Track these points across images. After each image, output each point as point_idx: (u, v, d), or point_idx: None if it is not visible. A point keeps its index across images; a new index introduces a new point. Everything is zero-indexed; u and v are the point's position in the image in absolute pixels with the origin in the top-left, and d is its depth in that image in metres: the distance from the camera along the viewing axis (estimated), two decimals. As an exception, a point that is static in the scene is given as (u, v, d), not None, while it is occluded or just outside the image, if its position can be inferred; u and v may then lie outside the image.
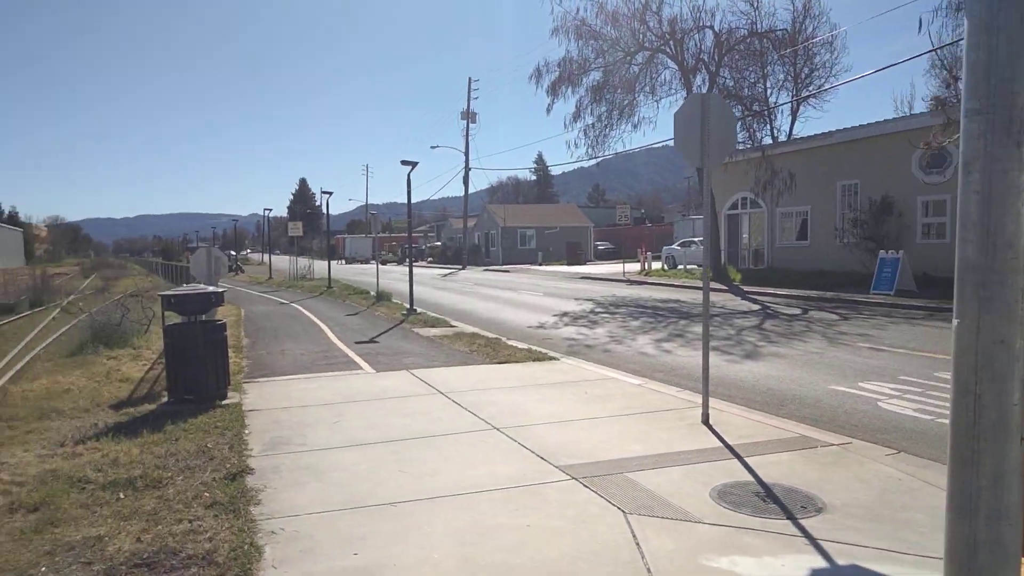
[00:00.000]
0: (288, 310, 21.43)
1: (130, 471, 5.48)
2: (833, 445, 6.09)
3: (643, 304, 20.45)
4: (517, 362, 10.76)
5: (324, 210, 39.93)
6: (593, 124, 27.55)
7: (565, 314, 18.29)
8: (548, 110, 28.02)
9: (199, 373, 7.93)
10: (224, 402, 7.99)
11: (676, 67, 27.57)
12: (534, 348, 12.08)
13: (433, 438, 6.47)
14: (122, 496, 5.04)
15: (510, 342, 13.02)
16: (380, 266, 30.17)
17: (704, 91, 26.57)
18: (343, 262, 75.99)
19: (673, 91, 28.44)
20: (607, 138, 27.76)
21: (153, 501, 4.93)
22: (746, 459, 5.73)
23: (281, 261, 62.16)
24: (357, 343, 13.40)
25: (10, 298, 21.66)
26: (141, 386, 9.10)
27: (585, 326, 15.90)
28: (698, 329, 14.65)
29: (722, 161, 6.41)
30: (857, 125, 25.25)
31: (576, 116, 27.96)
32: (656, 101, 28.23)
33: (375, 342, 13.56)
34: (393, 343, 13.32)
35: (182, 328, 7.98)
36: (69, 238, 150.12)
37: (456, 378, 9.51)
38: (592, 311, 18.94)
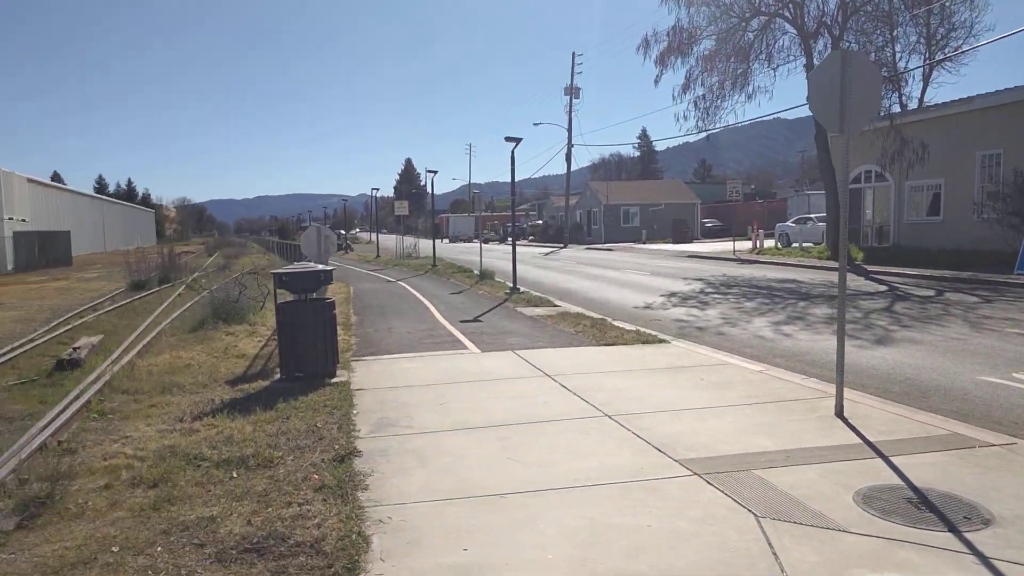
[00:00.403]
0: (395, 288, 21.78)
1: (243, 449, 5.51)
2: (994, 445, 5.37)
3: (757, 284, 19.42)
4: (625, 344, 10.34)
5: (428, 189, 40.49)
6: (704, 95, 26.34)
7: (673, 294, 17.62)
8: (656, 82, 27.03)
9: (309, 351, 8.00)
10: (333, 380, 8.03)
11: (795, 32, 25.88)
12: (642, 330, 11.60)
13: (541, 424, 6.20)
14: (235, 475, 5.06)
15: (616, 323, 12.59)
16: (483, 245, 30.26)
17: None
18: (447, 241, 77.21)
19: (792, 58, 26.74)
20: (718, 110, 26.50)
21: (264, 481, 4.91)
22: (891, 458, 5.13)
23: (388, 240, 63.87)
24: (461, 322, 13.34)
25: (142, 275, 23.11)
26: (255, 362, 9.33)
27: (695, 307, 15.22)
28: (819, 311, 13.70)
29: (864, 126, 5.73)
30: (1002, 89, 22.89)
31: (685, 87, 26.83)
32: (773, 69, 26.65)
33: (479, 321, 13.46)
34: (497, 322, 13.17)
35: (293, 306, 8.07)
36: (195, 218, 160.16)
37: (562, 360, 9.21)
38: (702, 291, 18.16)
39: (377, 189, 52.36)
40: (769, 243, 35.45)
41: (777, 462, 5.09)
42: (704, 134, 28.01)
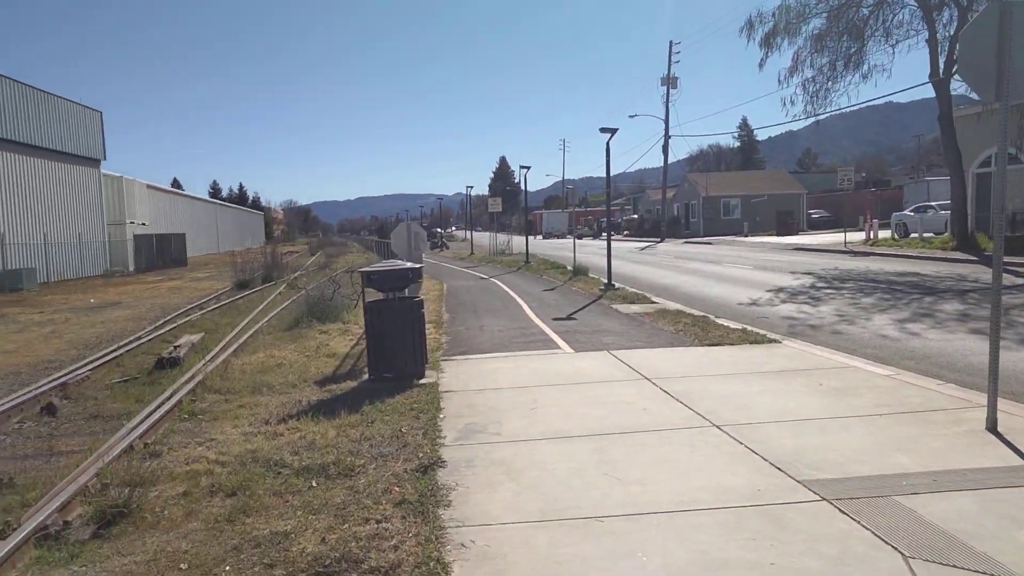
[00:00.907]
0: (487, 285, 21.57)
1: (324, 456, 5.25)
2: None
3: (874, 278, 17.95)
4: (731, 344, 9.58)
5: (522, 186, 40.24)
6: (813, 77, 24.76)
7: (781, 289, 16.50)
8: (760, 65, 25.62)
9: (397, 351, 7.74)
10: (421, 381, 7.74)
11: (916, 4, 23.89)
12: (749, 328, 10.77)
13: (641, 434, 5.64)
14: (314, 484, 4.79)
15: (720, 321, 11.79)
16: (576, 240, 29.67)
17: (952, 31, 22.81)
18: (540, 237, 76.94)
19: (913, 32, 24.73)
20: (829, 92, 24.83)
21: (343, 492, 4.60)
22: (1067, 487, 4.28)
23: (482, 237, 64.21)
24: (554, 320, 12.87)
25: (247, 274, 23.93)
26: (345, 362, 9.19)
27: (806, 303, 14.13)
28: (949, 307, 12.41)
29: (1029, 91, 4.83)
30: None
31: (793, 70, 25.32)
32: (891, 46, 24.71)
33: (572, 319, 12.95)
34: (591, 320, 12.62)
35: (381, 305, 7.83)
36: (301, 219, 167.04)
37: (662, 361, 8.58)
38: (813, 286, 16.93)
39: (471, 187, 52.66)
40: (884, 234, 33.11)
41: (922, 487, 4.34)
42: (813, 119, 26.38)
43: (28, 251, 30.62)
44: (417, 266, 7.97)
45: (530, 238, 35.65)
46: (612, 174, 18.58)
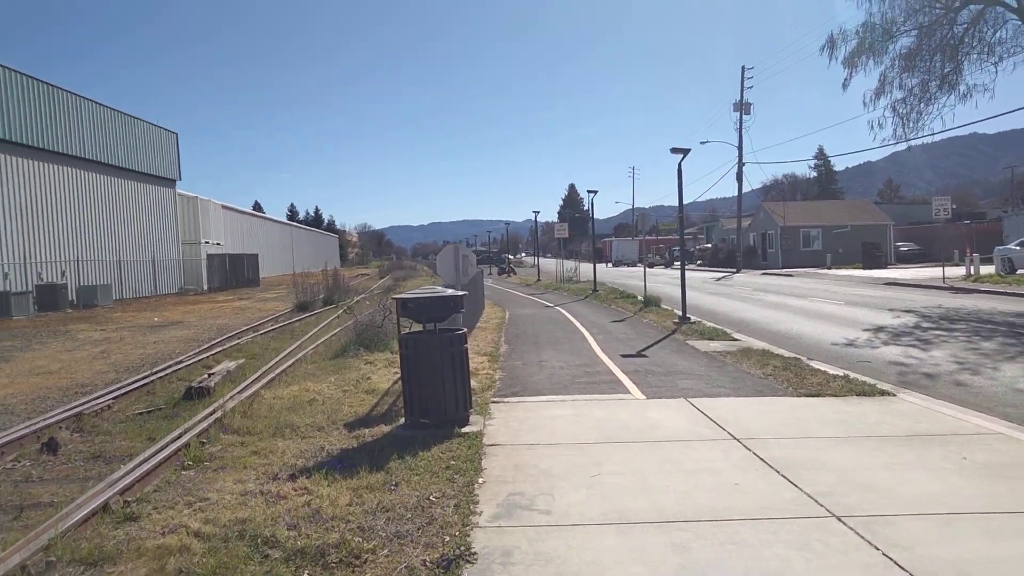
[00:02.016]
0: (552, 314, 20.38)
1: (327, 534, 4.16)
2: None
3: (989, 319, 15.90)
4: (834, 395, 8.09)
5: (590, 211, 39.03)
6: (904, 98, 22.75)
7: (880, 329, 14.70)
8: (844, 85, 23.80)
9: (436, 393, 6.64)
10: (464, 429, 6.61)
11: (1019, 20, 21.72)
12: (853, 376, 9.23)
13: (735, 524, 4.33)
14: (305, 576, 3.69)
15: (815, 364, 10.26)
16: (647, 269, 28.20)
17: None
18: (609, 265, 75.32)
19: (1017, 49, 22.49)
20: (922, 115, 22.76)
21: (337, 594, 3.49)
22: None
23: (550, 263, 63.05)
24: (623, 356, 11.57)
25: (308, 296, 23.45)
26: (383, 400, 8.15)
27: (914, 346, 12.37)
28: (1098, 358, 10.50)
29: None
30: None
31: (879, 91, 23.38)
32: (994, 64, 22.52)
33: (643, 356, 11.62)
34: (665, 358, 11.26)
35: (417, 339, 6.75)
36: (375, 242, 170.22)
37: (752, 415, 7.19)
38: (918, 326, 15.05)
39: (537, 212, 51.65)
40: (986, 269, 30.31)
41: None
42: (904, 143, 24.24)
43: (104, 268, 31.23)
44: (460, 294, 6.87)
45: (599, 266, 34.33)
46: (685, 203, 17.23)
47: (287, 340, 14.69)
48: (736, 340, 13.35)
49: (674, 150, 16.49)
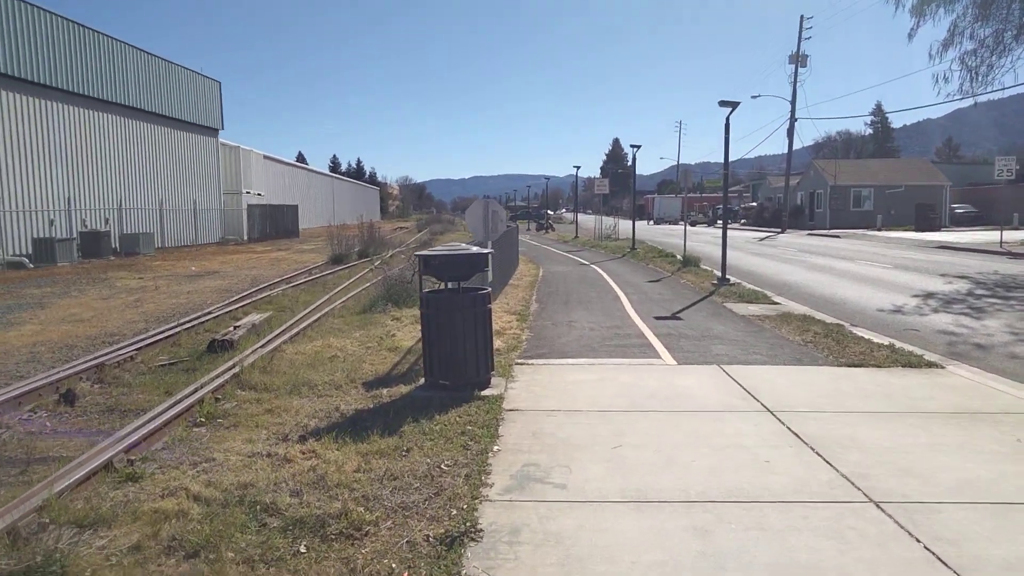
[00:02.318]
0: (587, 272, 20.00)
1: (330, 502, 3.99)
2: None
3: (1048, 286, 15.05)
4: (877, 366, 7.64)
5: (632, 166, 38.12)
6: (975, 50, 21.37)
7: (930, 295, 14.01)
8: (910, 36, 22.44)
9: (457, 355, 6.41)
10: (484, 392, 6.39)
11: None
12: (898, 345, 8.75)
13: (763, 507, 4.02)
14: (302, 550, 3.52)
15: (858, 331, 9.78)
16: (689, 227, 27.49)
17: None
18: (651, 222, 74.11)
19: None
20: (993, 68, 21.38)
21: (333, 570, 3.31)
22: None
23: (590, 220, 62.20)
24: (656, 318, 11.20)
25: (343, 249, 23.44)
26: (405, 359, 7.96)
27: (965, 314, 11.73)
28: None
29: None
30: None
31: (948, 42, 22.00)
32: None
33: (677, 318, 11.23)
34: (700, 321, 10.86)
35: (440, 298, 6.50)
36: (416, 196, 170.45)
37: (788, 385, 6.82)
38: (971, 293, 14.31)
39: (578, 167, 50.80)
40: (1050, 234, 28.85)
41: None
42: (971, 99, 22.88)
43: (147, 216, 31.66)
44: (486, 251, 6.58)
45: (641, 223, 33.64)
46: (732, 159, 16.52)
47: (318, 293, 14.63)
48: (776, 304, 12.85)
49: (722, 103, 15.74)
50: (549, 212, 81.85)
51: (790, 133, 48.57)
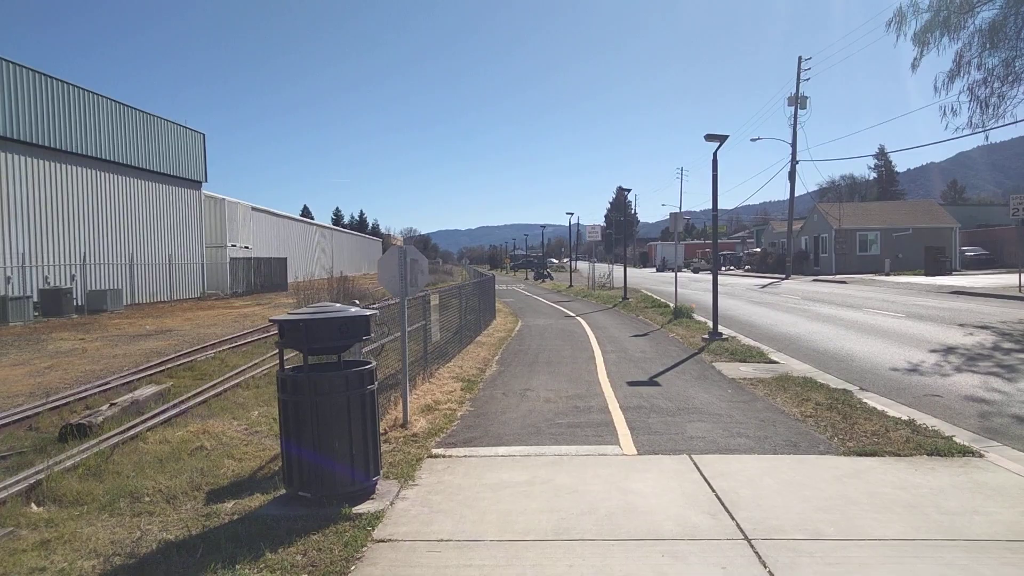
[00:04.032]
0: (569, 325, 18.30)
1: None
2: None
3: (1084, 338, 13.25)
4: (895, 454, 5.90)
5: (635, 214, 36.78)
6: (984, 79, 19.97)
7: (950, 349, 12.25)
8: (913, 66, 21.06)
9: (325, 455, 4.71)
10: (359, 507, 4.67)
11: None
12: (919, 421, 7.00)
13: None
14: None
15: (868, 400, 8.05)
16: (692, 275, 25.89)
17: None
18: (654, 270, 72.62)
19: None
20: (1004, 99, 19.94)
21: None
22: None
23: (595, 268, 60.68)
24: (630, 384, 9.48)
25: (310, 302, 21.87)
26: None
27: (995, 374, 9.96)
28: None
29: None
30: None
31: (954, 73, 20.64)
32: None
33: (654, 383, 9.50)
34: (679, 388, 9.13)
35: (298, 379, 4.83)
36: (421, 247, 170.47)
37: (777, 488, 5.07)
38: (997, 347, 12.52)
39: (571, 213, 49.76)
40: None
41: None
42: (982, 132, 21.37)
43: (116, 272, 30.25)
44: (365, 314, 4.96)
45: (644, 271, 32.04)
46: (733, 206, 15.12)
47: (256, 355, 12.98)
48: (773, 363, 11.13)
49: (708, 137, 14.27)
50: (553, 261, 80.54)
51: (791, 176, 47.31)
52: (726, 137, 13.67)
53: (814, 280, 40.05)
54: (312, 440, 4.70)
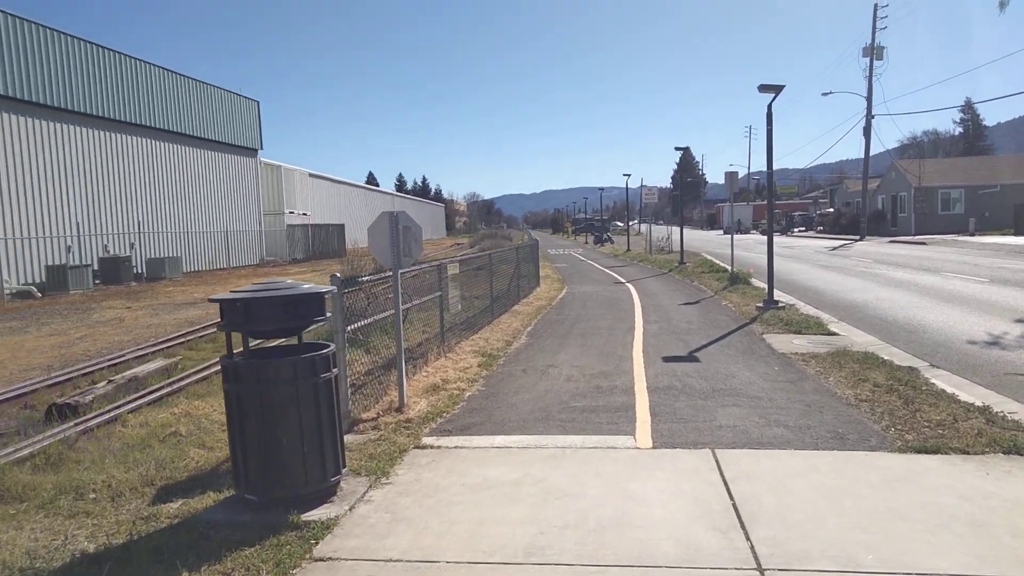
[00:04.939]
0: (617, 292, 17.38)
1: None
2: None
3: None
4: (963, 451, 4.93)
5: (704, 177, 35.18)
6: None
7: (1040, 320, 10.86)
8: (1001, 5, 18.94)
9: (275, 453, 4.12)
10: (311, 513, 4.07)
11: None
12: (996, 408, 5.96)
13: None
14: None
15: (937, 381, 7.01)
16: (759, 237, 24.46)
17: None
18: (721, 232, 70.23)
19: None
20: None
21: None
22: None
23: (659, 230, 59.15)
24: (665, 360, 8.62)
25: (355, 270, 21.55)
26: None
27: (1094, 350, 8.65)
28: None
29: None
30: None
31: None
32: None
33: (692, 359, 8.61)
34: (720, 364, 8.22)
35: (244, 366, 4.22)
36: (484, 212, 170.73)
37: (810, 496, 4.21)
38: (1097, 317, 11.05)
39: (628, 174, 48.32)
40: None
41: None
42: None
43: (174, 240, 30.77)
44: (322, 290, 4.30)
45: (708, 233, 30.62)
46: (808, 164, 13.99)
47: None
48: (832, 334, 10.05)
49: (762, 88, 12.96)
50: (618, 224, 78.78)
51: (867, 132, 44.39)
52: (781, 87, 12.36)
53: (891, 241, 37.63)
54: (257, 436, 4.10)
